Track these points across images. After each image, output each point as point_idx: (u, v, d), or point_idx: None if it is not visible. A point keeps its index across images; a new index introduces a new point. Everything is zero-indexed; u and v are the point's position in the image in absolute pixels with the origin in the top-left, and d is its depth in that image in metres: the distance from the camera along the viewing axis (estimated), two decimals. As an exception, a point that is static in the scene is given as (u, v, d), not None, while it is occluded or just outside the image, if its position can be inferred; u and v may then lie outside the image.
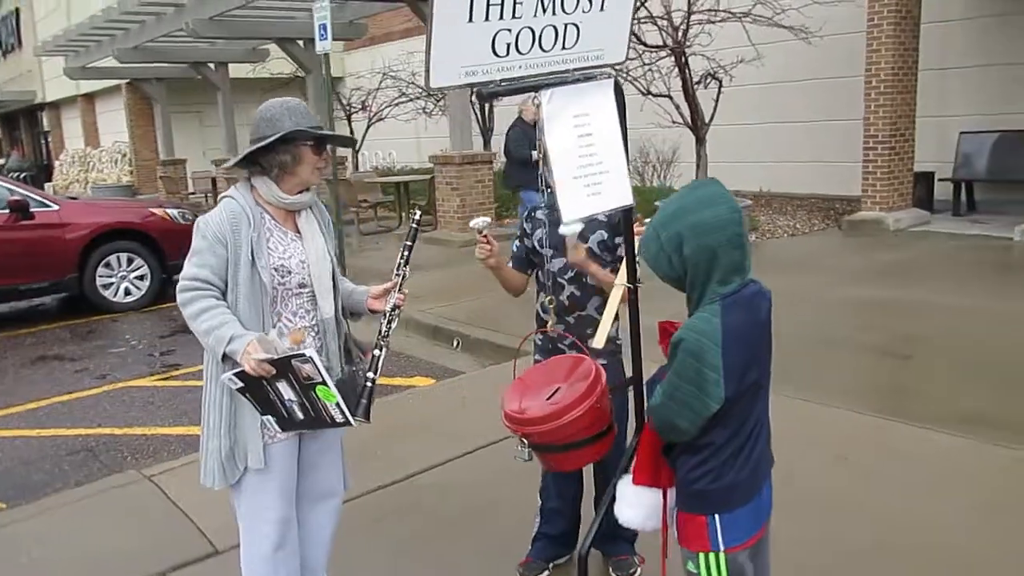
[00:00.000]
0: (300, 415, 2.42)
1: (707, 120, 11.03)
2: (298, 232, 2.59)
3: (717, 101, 10.85)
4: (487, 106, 13.99)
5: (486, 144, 13.73)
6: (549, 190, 2.17)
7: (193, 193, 18.61)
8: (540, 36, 2.10)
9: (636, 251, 2.31)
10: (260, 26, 13.27)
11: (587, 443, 2.07)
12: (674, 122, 11.36)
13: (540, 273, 2.93)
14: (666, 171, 13.09)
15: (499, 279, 2.98)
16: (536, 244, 2.88)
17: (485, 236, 2.76)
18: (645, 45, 10.63)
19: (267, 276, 2.45)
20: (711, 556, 1.93)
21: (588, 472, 2.99)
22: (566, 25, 2.13)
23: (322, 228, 2.67)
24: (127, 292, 9.13)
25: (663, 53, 11.06)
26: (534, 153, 10.15)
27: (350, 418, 2.38)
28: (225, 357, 2.39)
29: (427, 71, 1.95)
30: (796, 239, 10.51)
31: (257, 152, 2.47)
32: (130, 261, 9.11)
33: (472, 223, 2.79)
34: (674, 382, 1.88)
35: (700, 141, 11.22)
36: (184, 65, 17.20)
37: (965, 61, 10.93)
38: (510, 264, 3.00)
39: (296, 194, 2.55)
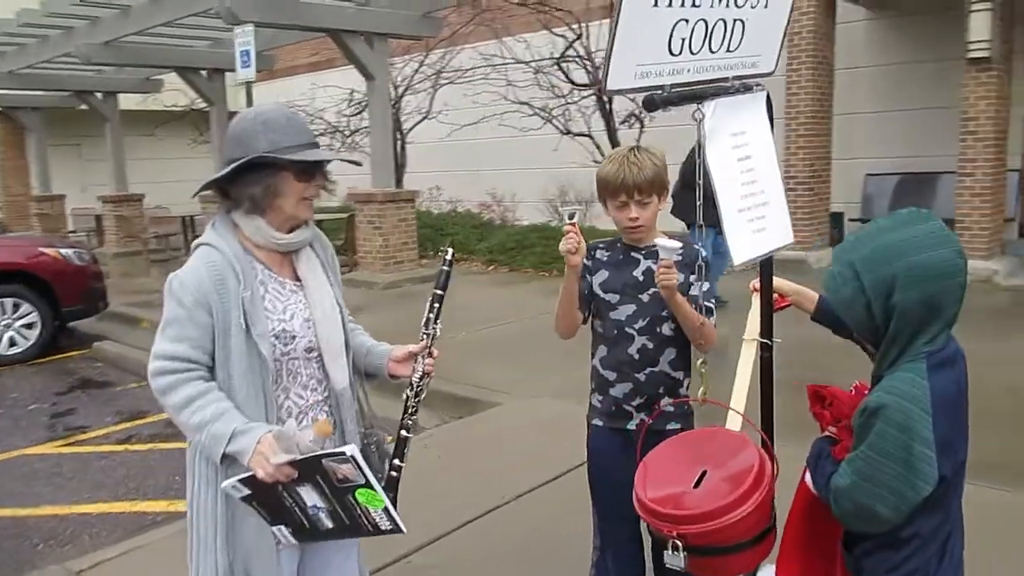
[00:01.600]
0: (329, 524, 1.91)
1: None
2: (298, 280, 2.07)
3: (639, 141, 10.89)
4: (400, 143, 13.60)
5: (398, 182, 13.29)
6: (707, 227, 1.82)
7: (74, 231, 17.19)
8: (711, 32, 1.80)
9: (772, 302, 1.97)
10: (158, 53, 12.39)
11: (754, 543, 1.69)
12: (595, 161, 11.34)
13: (598, 323, 2.55)
14: (587, 210, 13.00)
15: (564, 297, 2.47)
16: (599, 288, 2.50)
17: (574, 225, 2.31)
18: (574, 84, 10.58)
19: (267, 346, 1.94)
20: None
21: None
22: (735, 21, 1.82)
23: (328, 271, 2.15)
24: (12, 343, 8.10)
25: (585, 92, 11.06)
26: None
27: (400, 524, 1.87)
28: (224, 457, 1.87)
29: (605, 72, 1.66)
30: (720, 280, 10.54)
31: (227, 181, 1.95)
32: (16, 307, 8.10)
33: (564, 209, 2.39)
34: (872, 459, 1.52)
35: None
36: (65, 93, 15.91)
37: (871, 107, 11.40)
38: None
39: (290, 231, 2.04)
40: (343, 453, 1.78)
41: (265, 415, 1.95)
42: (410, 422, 2.12)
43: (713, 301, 2.50)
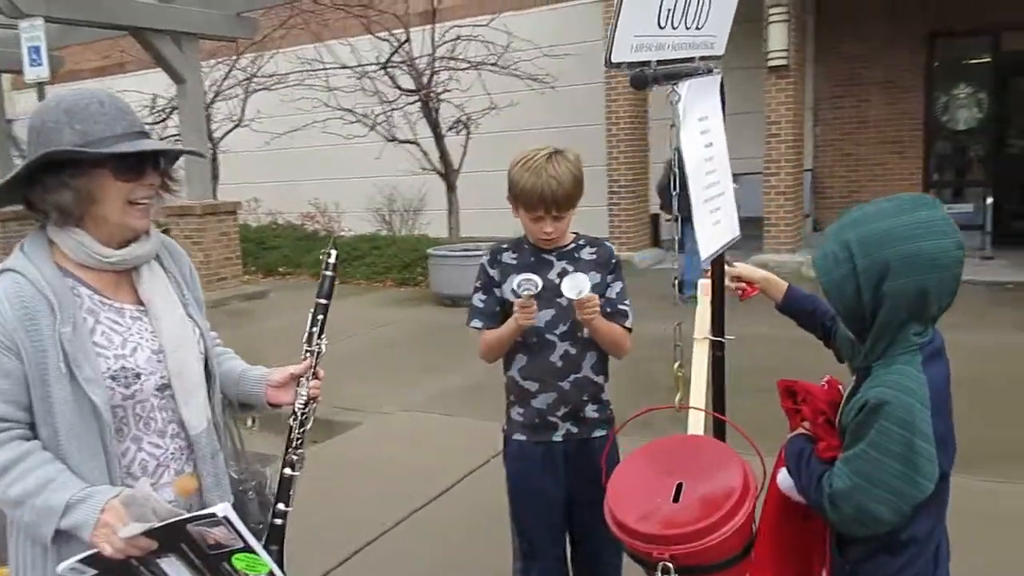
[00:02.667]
0: None
1: (456, 167, 10.99)
2: (141, 305, 1.68)
3: (466, 148, 10.86)
4: (212, 153, 12.72)
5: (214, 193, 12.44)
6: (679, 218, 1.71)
7: None
8: (688, 5, 1.68)
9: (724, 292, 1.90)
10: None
11: (742, 556, 1.59)
12: (423, 168, 11.17)
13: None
14: (414, 219, 12.81)
15: (506, 339, 2.35)
16: (512, 295, 2.33)
17: (532, 300, 2.22)
18: (401, 89, 10.35)
19: (100, 392, 1.54)
20: None
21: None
22: None
23: (180, 289, 1.76)
24: None
25: (409, 99, 10.86)
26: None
27: None
28: (58, 534, 1.50)
29: (610, 44, 1.56)
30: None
31: (27, 189, 1.57)
32: None
33: (522, 278, 2.24)
34: (873, 459, 1.44)
35: (451, 188, 11.14)
36: None
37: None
38: (477, 324, 2.42)
39: (125, 245, 1.65)
40: (213, 514, 1.45)
41: (108, 476, 1.57)
42: (295, 457, 1.78)
43: (627, 304, 2.43)
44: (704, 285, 2.01)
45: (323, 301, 1.82)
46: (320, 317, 1.82)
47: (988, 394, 4.97)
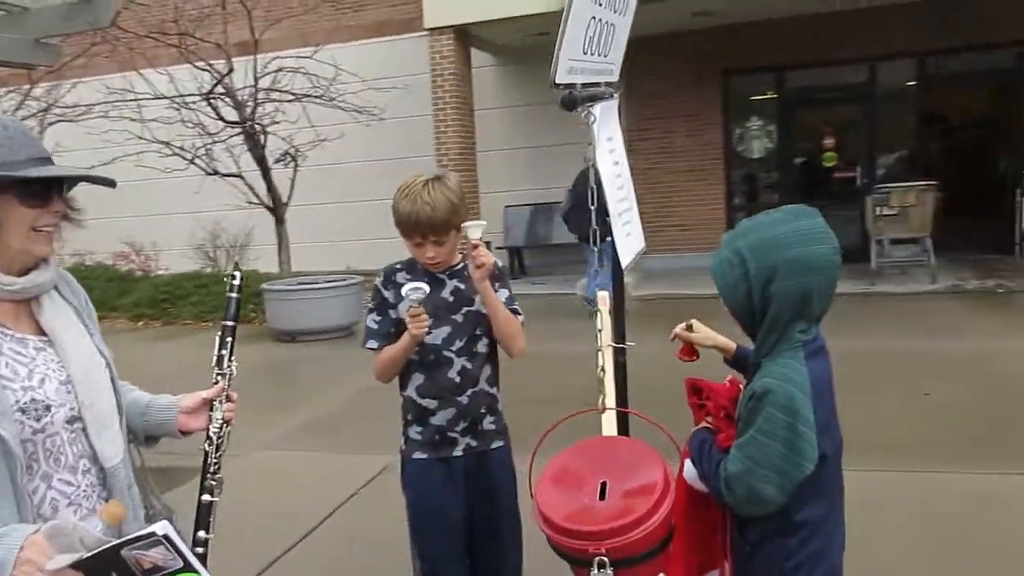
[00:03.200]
0: None
1: (284, 200, 10.75)
2: (43, 335, 1.62)
3: (294, 181, 10.66)
4: None
5: None
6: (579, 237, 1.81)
7: None
8: (602, 34, 1.81)
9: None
10: None
11: (662, 548, 1.72)
12: (249, 203, 10.81)
13: (413, 350, 2.40)
14: (241, 254, 12.32)
15: (400, 356, 2.40)
16: (407, 315, 2.36)
17: (420, 309, 2.26)
18: (224, 121, 9.99)
19: (9, 426, 1.47)
20: None
21: None
22: (610, 26, 1.86)
23: (82, 318, 1.71)
24: None
25: (233, 131, 10.50)
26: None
27: None
28: None
29: (555, 65, 1.71)
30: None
31: None
32: None
33: (409, 289, 2.23)
34: (760, 442, 1.60)
35: (280, 221, 10.88)
36: None
37: (504, 144, 12.49)
38: (373, 345, 2.45)
39: (24, 273, 1.59)
40: (152, 534, 1.39)
41: (18, 518, 1.48)
42: (213, 483, 1.78)
43: (517, 305, 2.56)
44: (603, 297, 2.16)
45: (229, 323, 1.82)
46: (229, 339, 1.82)
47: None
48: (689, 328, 2.01)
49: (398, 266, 2.50)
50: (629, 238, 1.99)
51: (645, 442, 1.86)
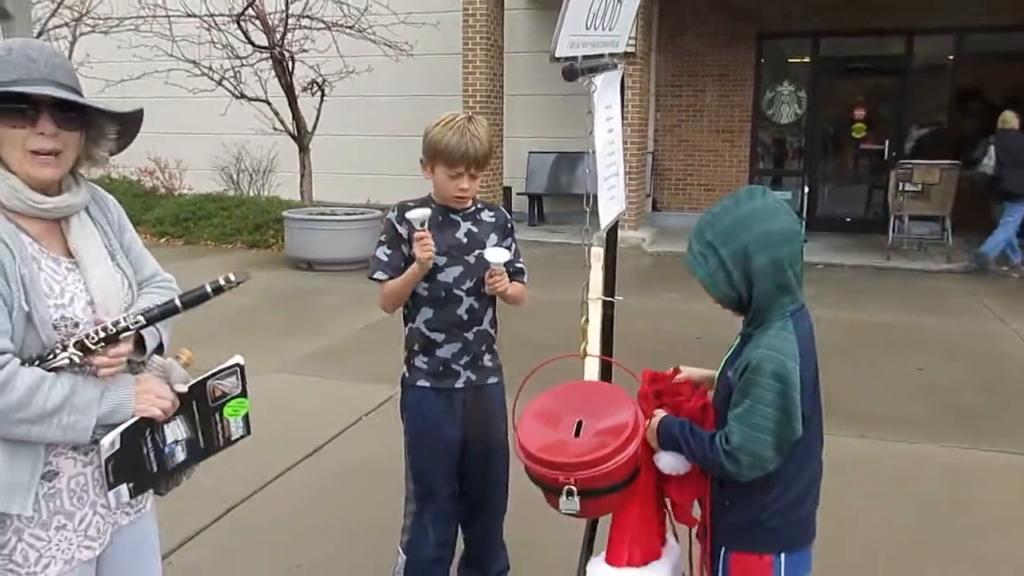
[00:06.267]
0: (181, 456, 1.77)
1: (309, 129, 10.80)
2: (70, 256, 1.71)
3: (319, 111, 10.69)
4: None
5: None
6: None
7: None
8: (607, 10, 1.90)
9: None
10: None
11: (627, 484, 1.87)
12: (275, 129, 10.88)
13: (422, 286, 2.54)
14: (264, 180, 12.44)
15: (407, 286, 2.53)
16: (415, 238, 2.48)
17: (426, 230, 2.38)
18: (253, 45, 10.01)
19: (49, 337, 1.61)
20: None
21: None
22: (617, 1, 1.94)
23: (108, 239, 1.80)
24: None
25: (262, 55, 10.52)
26: None
27: (250, 425, 1.88)
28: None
29: (556, 40, 1.82)
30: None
31: None
32: None
33: (414, 215, 2.35)
34: (759, 411, 1.71)
35: (304, 150, 10.94)
36: None
37: (532, 90, 12.44)
38: (381, 276, 2.58)
39: (56, 194, 1.68)
40: (234, 365, 1.78)
41: None
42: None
43: (523, 262, 2.70)
44: (596, 253, 2.28)
45: (178, 303, 1.70)
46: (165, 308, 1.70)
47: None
48: (676, 371, 2.07)
49: (411, 204, 2.62)
50: (612, 201, 2.10)
51: (623, 389, 1.99)
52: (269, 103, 10.70)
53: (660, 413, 1.92)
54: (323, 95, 10.75)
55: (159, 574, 2.01)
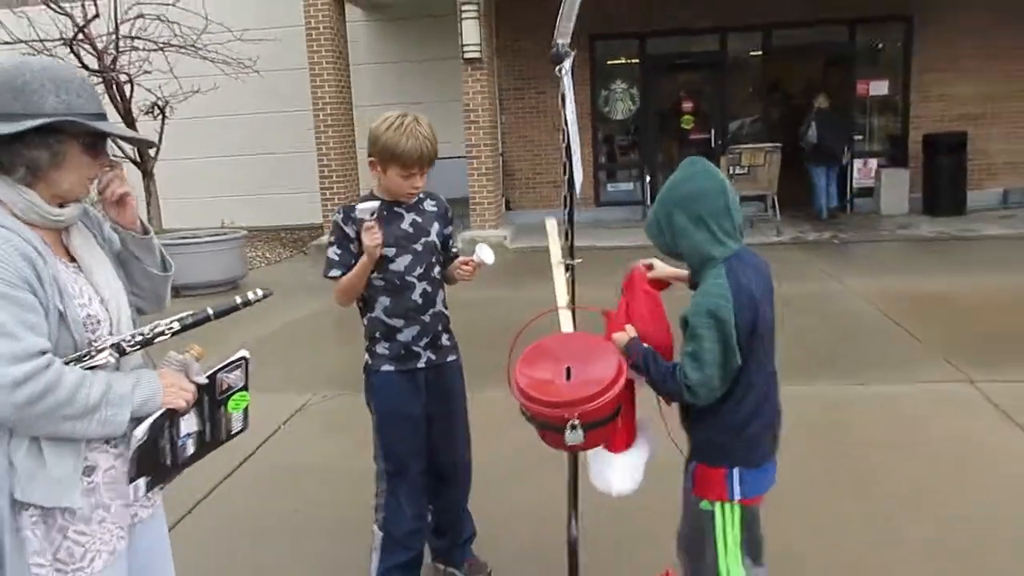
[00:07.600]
0: (191, 450, 1.86)
1: (152, 154, 10.37)
2: (73, 261, 1.82)
3: (161, 133, 10.29)
4: None
5: None
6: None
7: None
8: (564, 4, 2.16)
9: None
10: None
11: (614, 417, 2.13)
12: (113, 156, 10.30)
13: (376, 276, 2.70)
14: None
15: (358, 280, 2.68)
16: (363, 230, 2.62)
17: (376, 220, 2.55)
18: (87, 69, 9.50)
19: (80, 334, 1.72)
20: (727, 505, 2.13)
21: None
22: None
23: (103, 247, 1.91)
24: None
25: (94, 80, 10.01)
26: None
27: (248, 420, 2.00)
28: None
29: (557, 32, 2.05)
30: (273, 266, 10.70)
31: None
32: None
33: (363, 207, 2.52)
34: (706, 347, 2.00)
35: (147, 175, 10.50)
36: None
37: (377, 100, 12.53)
38: (335, 273, 2.72)
39: (61, 206, 1.77)
40: (240, 358, 1.87)
41: None
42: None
43: (459, 246, 2.94)
44: (550, 224, 2.53)
45: (211, 313, 1.86)
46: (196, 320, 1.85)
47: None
48: (650, 267, 2.40)
49: (355, 204, 2.76)
50: (577, 169, 2.39)
51: (596, 334, 2.28)
52: (105, 129, 10.14)
53: (630, 330, 2.22)
54: (164, 117, 10.37)
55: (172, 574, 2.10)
